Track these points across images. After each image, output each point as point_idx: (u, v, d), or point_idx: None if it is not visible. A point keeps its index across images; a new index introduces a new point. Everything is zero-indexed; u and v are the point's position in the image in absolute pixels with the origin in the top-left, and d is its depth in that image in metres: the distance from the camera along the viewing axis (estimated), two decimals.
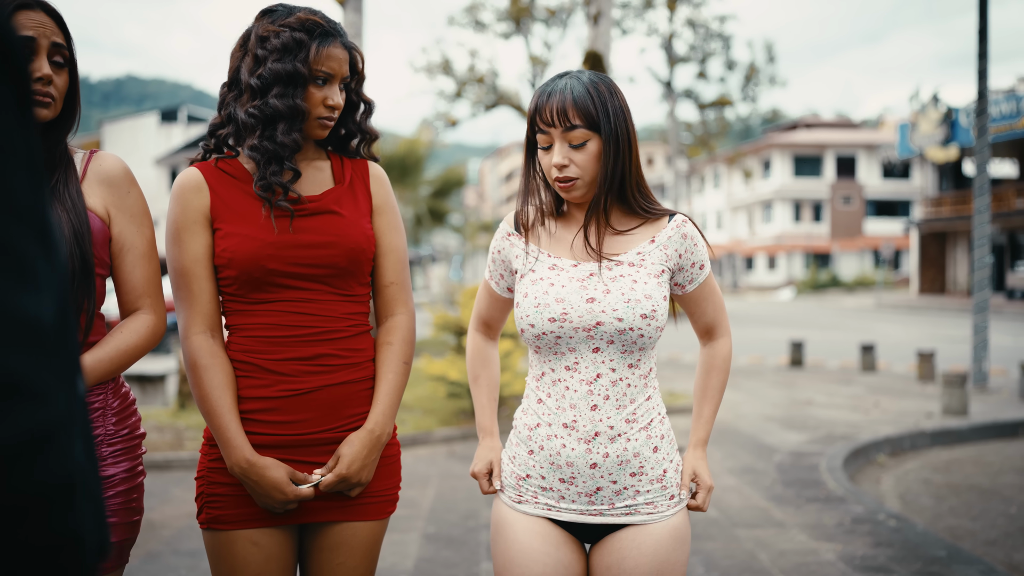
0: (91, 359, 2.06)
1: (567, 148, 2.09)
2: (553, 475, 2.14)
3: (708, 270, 2.26)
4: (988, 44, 12.46)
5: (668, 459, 2.18)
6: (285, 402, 2.15)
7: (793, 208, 60.39)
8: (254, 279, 2.13)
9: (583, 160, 2.09)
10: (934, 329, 24.46)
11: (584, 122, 2.07)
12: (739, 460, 7.95)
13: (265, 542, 2.18)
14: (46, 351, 0.62)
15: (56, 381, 0.62)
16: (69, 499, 0.62)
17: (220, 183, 2.20)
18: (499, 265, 2.33)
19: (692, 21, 33.57)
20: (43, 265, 0.63)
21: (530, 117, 2.14)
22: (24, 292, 0.61)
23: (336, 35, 2.18)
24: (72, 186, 2.09)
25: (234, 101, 2.18)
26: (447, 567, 5.00)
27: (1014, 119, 34.49)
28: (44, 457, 0.60)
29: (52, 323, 0.63)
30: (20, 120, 0.65)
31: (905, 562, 5.03)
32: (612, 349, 2.10)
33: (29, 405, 0.60)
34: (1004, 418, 9.89)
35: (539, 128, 2.12)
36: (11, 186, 0.62)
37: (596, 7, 10.04)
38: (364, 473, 2.18)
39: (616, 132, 2.10)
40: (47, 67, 2.03)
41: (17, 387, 0.59)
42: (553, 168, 2.11)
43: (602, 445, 2.10)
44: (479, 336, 2.49)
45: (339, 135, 2.35)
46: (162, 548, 5.34)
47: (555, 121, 2.08)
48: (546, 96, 2.11)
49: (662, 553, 2.11)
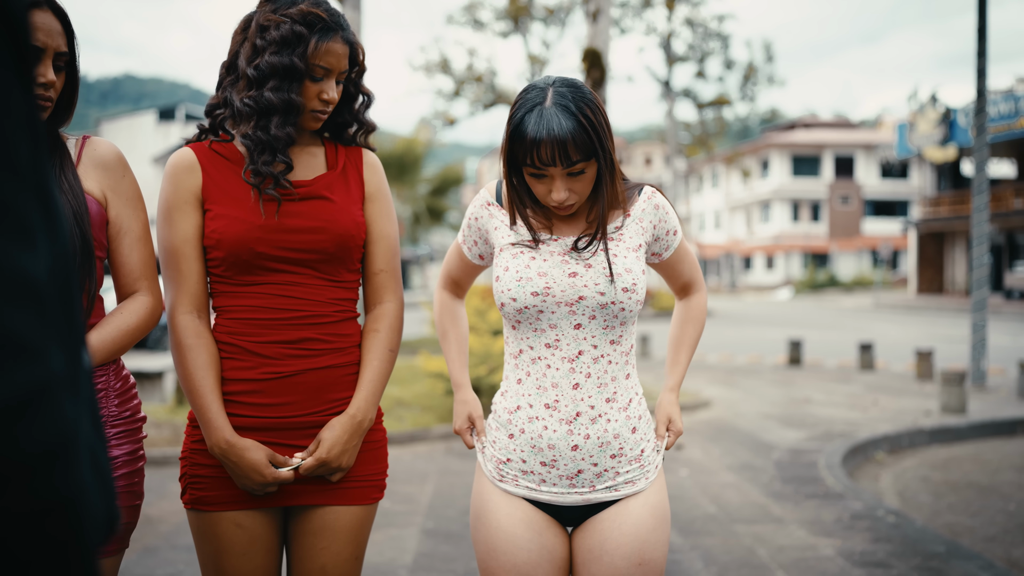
0: (92, 339, 2.07)
1: (567, 180, 2.07)
2: (534, 458, 2.15)
3: (681, 233, 2.31)
4: (987, 43, 12.46)
5: (646, 439, 2.22)
6: (269, 384, 2.16)
7: (791, 208, 60.45)
8: (242, 261, 2.14)
9: (582, 187, 2.10)
10: (932, 329, 24.47)
11: (584, 156, 2.04)
12: (738, 457, 7.95)
13: (249, 524, 2.19)
14: (41, 310, 0.61)
15: (50, 341, 0.61)
16: (64, 460, 0.61)
17: (213, 164, 2.20)
18: (474, 232, 2.33)
19: (691, 20, 33.59)
20: (40, 224, 0.62)
21: (521, 151, 2.05)
22: (20, 250, 0.60)
23: (337, 29, 2.18)
24: (68, 170, 2.11)
25: (231, 86, 2.19)
26: (446, 562, 5.00)
27: (1012, 119, 34.52)
28: (37, 415, 0.59)
29: (47, 283, 0.62)
30: (20, 79, 0.64)
31: (904, 558, 5.03)
32: (594, 325, 2.12)
33: (22, 361, 0.59)
34: (1002, 416, 9.89)
35: (535, 165, 2.05)
36: (9, 143, 0.61)
37: (595, 4, 10.03)
38: (345, 458, 2.19)
39: (608, 152, 2.09)
40: (51, 74, 2.05)
41: (10, 343, 0.58)
42: (552, 199, 2.08)
43: (583, 426, 2.12)
44: (447, 294, 2.51)
45: (336, 123, 2.35)
46: (160, 543, 5.34)
47: (557, 161, 2.02)
48: (542, 133, 2.01)
49: (643, 533, 2.13)
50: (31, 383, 0.59)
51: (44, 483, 0.60)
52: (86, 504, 0.63)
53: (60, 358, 0.62)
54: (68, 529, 0.62)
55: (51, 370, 0.61)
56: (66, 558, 0.62)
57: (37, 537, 0.60)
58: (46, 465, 0.60)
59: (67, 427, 0.62)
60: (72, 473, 0.62)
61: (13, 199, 0.61)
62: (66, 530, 0.62)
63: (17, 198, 0.61)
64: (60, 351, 0.62)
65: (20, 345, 0.59)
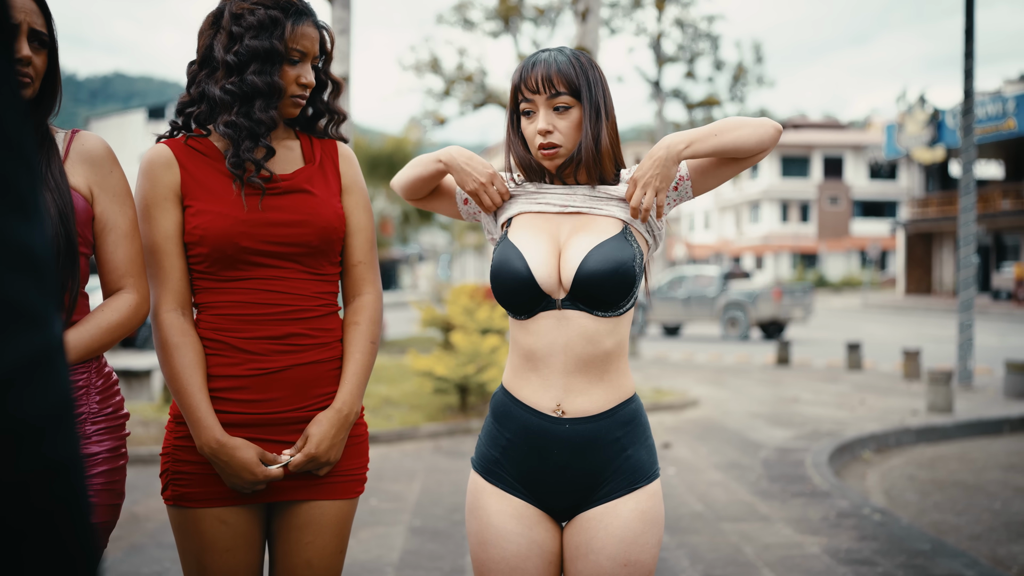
0: (74, 336, 2.05)
1: (551, 114, 2.13)
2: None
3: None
4: (974, 43, 12.51)
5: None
6: (254, 381, 2.15)
7: (780, 208, 60.58)
8: (226, 256, 2.13)
9: (566, 127, 2.13)
10: (920, 329, 24.56)
11: (567, 89, 2.12)
12: (725, 456, 7.97)
13: (233, 520, 2.18)
14: (41, 280, 0.62)
15: (51, 308, 0.62)
16: (66, 424, 0.62)
17: (190, 160, 2.20)
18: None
19: (680, 21, 33.64)
20: (34, 197, 0.63)
21: (514, 87, 2.18)
22: (19, 221, 0.61)
23: (309, 13, 2.21)
24: (55, 166, 2.08)
25: (207, 79, 2.18)
26: (432, 559, 5.00)
27: (1000, 120, 34.68)
28: (43, 379, 0.60)
29: (44, 254, 0.63)
30: (4, 52, 0.65)
31: (889, 555, 5.05)
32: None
33: (28, 327, 0.60)
34: (989, 416, 9.94)
35: (524, 96, 2.16)
36: (3, 117, 0.62)
37: (584, 4, 10.03)
38: (332, 452, 2.19)
39: (596, 101, 2.15)
40: (27, 49, 2.04)
41: (17, 310, 0.59)
42: (538, 136, 2.14)
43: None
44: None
45: (307, 115, 2.36)
46: (146, 541, 5.32)
47: (540, 88, 2.12)
48: (531, 66, 2.15)
49: (630, 535, 2.11)
50: (38, 348, 0.60)
51: (50, 447, 0.61)
52: (81, 468, 0.64)
53: (59, 325, 0.63)
54: (70, 492, 0.63)
55: (54, 335, 0.62)
56: (68, 522, 0.63)
57: (41, 502, 0.61)
58: (52, 428, 0.61)
59: (68, 391, 0.63)
60: (72, 437, 0.63)
61: (13, 173, 0.61)
62: (68, 494, 0.63)
63: (15, 172, 0.62)
64: (58, 319, 0.63)
65: (26, 312, 0.60)
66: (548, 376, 2.10)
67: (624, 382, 2.15)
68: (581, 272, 2.05)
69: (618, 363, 2.13)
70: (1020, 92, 35.13)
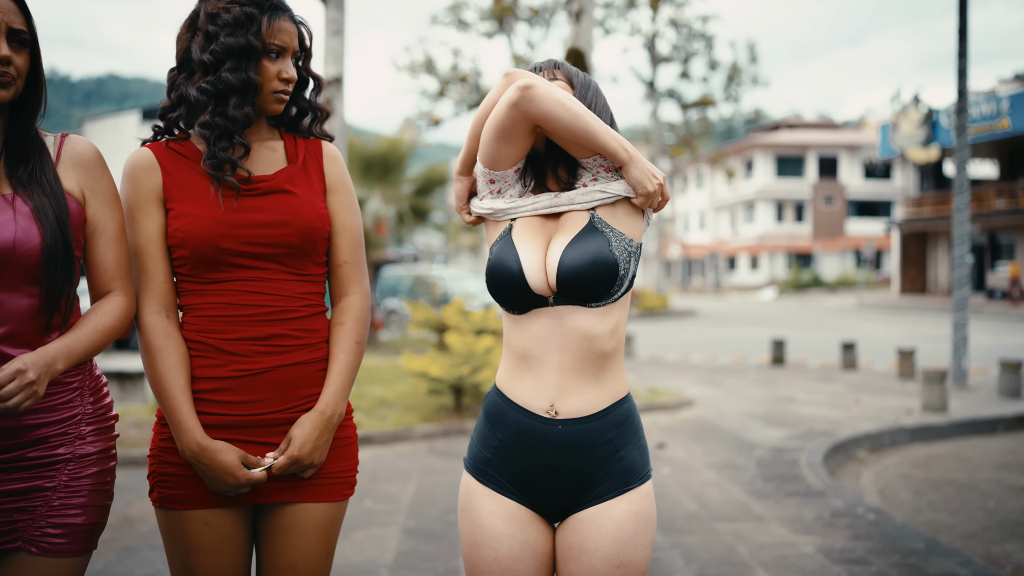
0: (73, 339, 2.05)
1: None
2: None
3: None
4: (968, 43, 12.53)
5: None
6: (238, 382, 2.15)
7: (775, 208, 60.66)
8: (207, 258, 2.13)
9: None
10: (915, 328, 24.60)
11: (565, 80, 2.19)
12: (719, 455, 7.97)
13: (218, 522, 2.18)
14: None
15: None
16: None
17: (172, 163, 2.20)
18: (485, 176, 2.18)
19: (675, 21, 33.69)
20: None
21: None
22: None
23: (286, 9, 2.21)
24: (49, 170, 2.08)
25: (185, 81, 2.18)
26: (427, 560, 4.99)
27: (994, 120, 34.74)
28: None
29: None
30: None
31: (883, 554, 5.05)
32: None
33: None
34: (983, 415, 9.95)
35: None
36: None
37: (578, 4, 10.03)
38: (316, 455, 2.18)
39: (587, 98, 2.20)
40: (6, 48, 2.02)
41: None
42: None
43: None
44: None
45: (291, 115, 2.35)
46: (139, 543, 5.31)
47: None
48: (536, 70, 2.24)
49: (623, 536, 2.10)
50: None
51: None
52: None
53: None
54: None
55: None
56: None
57: None
58: None
59: None
60: None
61: None
62: None
63: None
64: None
65: None
66: (543, 375, 2.09)
67: (619, 381, 2.15)
68: (561, 271, 2.04)
69: (614, 361, 2.13)
70: (1014, 91, 35.21)
